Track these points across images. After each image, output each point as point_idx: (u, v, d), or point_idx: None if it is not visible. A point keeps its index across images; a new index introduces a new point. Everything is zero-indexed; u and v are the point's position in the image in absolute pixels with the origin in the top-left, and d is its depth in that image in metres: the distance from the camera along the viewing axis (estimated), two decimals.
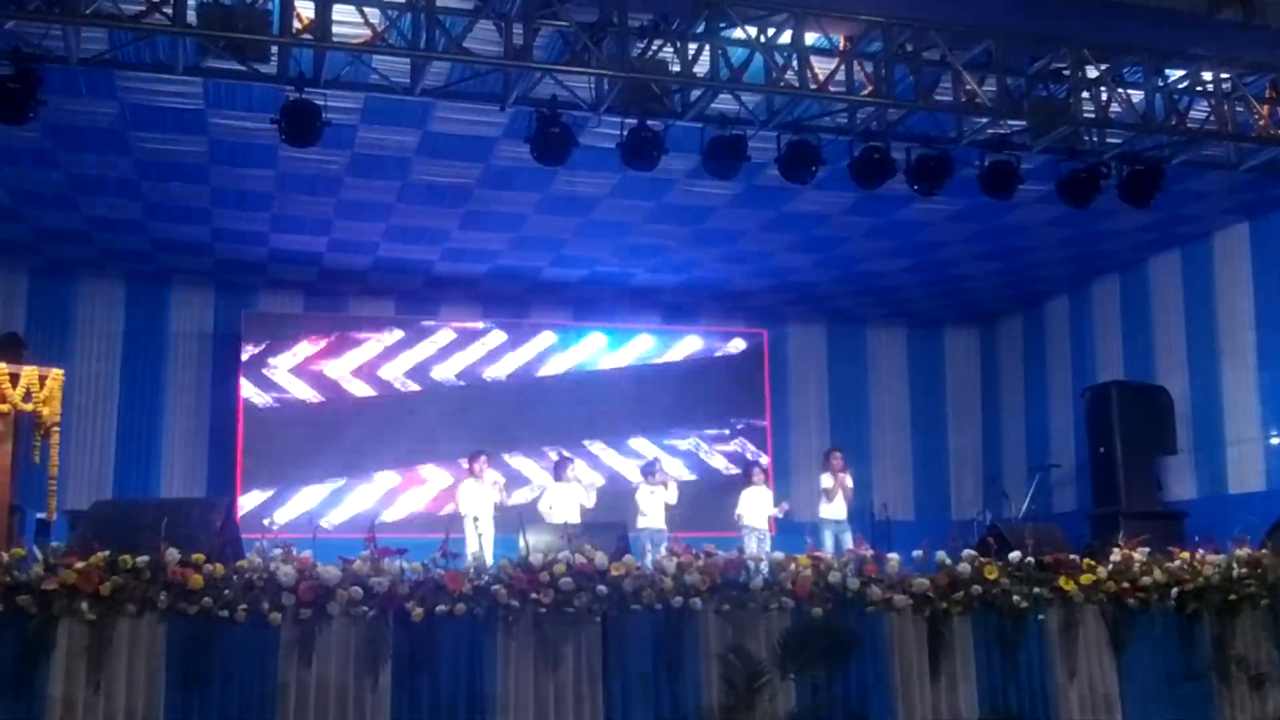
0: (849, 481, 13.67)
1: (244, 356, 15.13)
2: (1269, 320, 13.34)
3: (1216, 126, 10.59)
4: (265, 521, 13.48)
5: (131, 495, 13.92)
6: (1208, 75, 10.53)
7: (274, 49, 8.96)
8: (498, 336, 16.26)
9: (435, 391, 15.83)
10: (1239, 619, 8.92)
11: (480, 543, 11.85)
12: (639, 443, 16.30)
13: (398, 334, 15.85)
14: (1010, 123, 10.44)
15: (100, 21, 8.51)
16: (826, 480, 13.62)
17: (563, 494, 12.98)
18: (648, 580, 7.64)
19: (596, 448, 16.16)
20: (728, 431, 16.70)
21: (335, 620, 7.12)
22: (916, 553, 8.44)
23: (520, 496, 14.64)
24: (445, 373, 15.94)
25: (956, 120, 10.50)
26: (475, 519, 12.46)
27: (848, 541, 12.54)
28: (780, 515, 13.49)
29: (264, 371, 15.21)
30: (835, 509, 13.53)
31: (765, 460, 15.93)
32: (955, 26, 9.64)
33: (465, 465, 13.26)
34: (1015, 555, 8.48)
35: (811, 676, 7.82)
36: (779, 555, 8.15)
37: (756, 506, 13.42)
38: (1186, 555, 9.00)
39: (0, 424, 9.15)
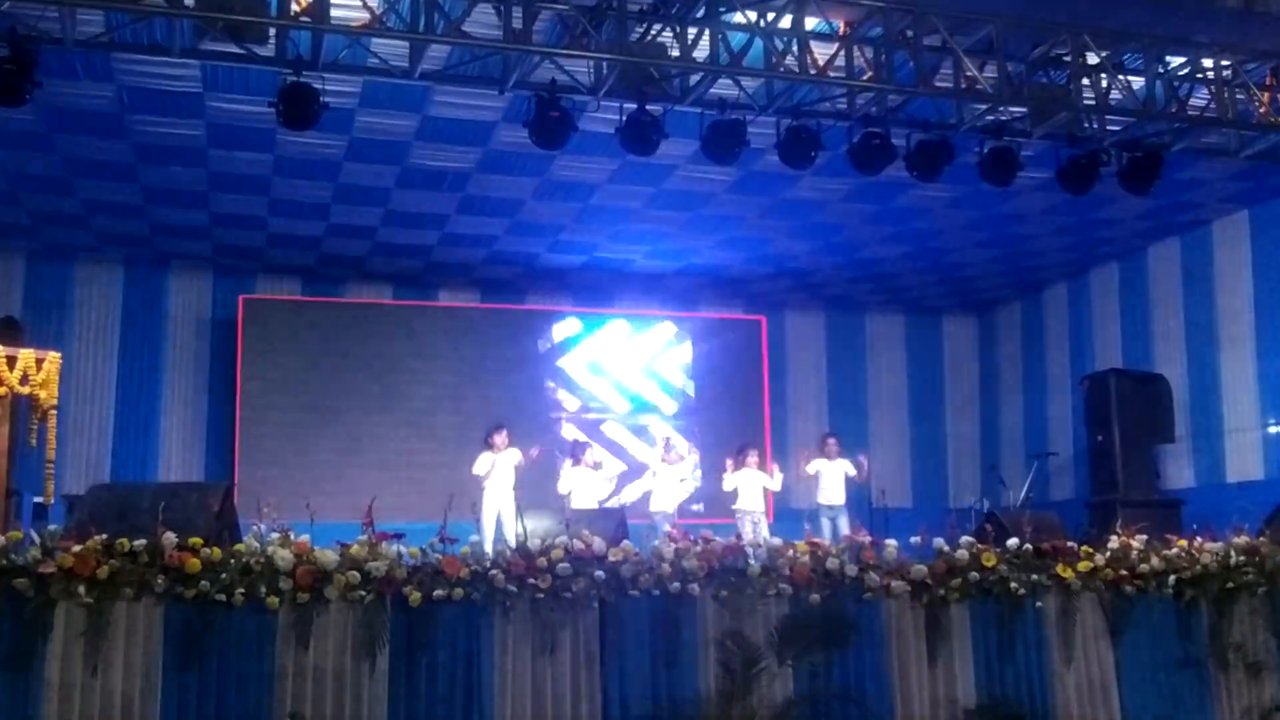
0: (851, 469, 13.50)
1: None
2: (1268, 308, 13.34)
3: (1217, 113, 10.56)
4: (264, 509, 13.43)
5: (129, 479, 13.91)
6: (1208, 62, 10.50)
7: (272, 31, 8.93)
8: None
9: (435, 375, 15.85)
10: (1236, 607, 8.94)
11: (495, 519, 11.76)
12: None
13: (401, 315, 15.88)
14: (1010, 109, 10.42)
15: (97, 2, 8.48)
16: (814, 467, 13.45)
17: (580, 479, 12.90)
18: (645, 566, 7.65)
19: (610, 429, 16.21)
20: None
21: (333, 605, 7.11)
22: (914, 539, 8.44)
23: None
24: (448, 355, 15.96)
25: (956, 106, 10.47)
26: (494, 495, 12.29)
27: (844, 527, 12.52)
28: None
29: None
30: (831, 495, 13.45)
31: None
32: (956, 12, 9.60)
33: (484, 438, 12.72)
34: (1013, 542, 8.48)
35: (809, 662, 7.83)
36: (776, 541, 8.16)
37: (750, 490, 13.34)
38: (1184, 543, 9.01)
39: None
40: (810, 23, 9.64)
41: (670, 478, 13.27)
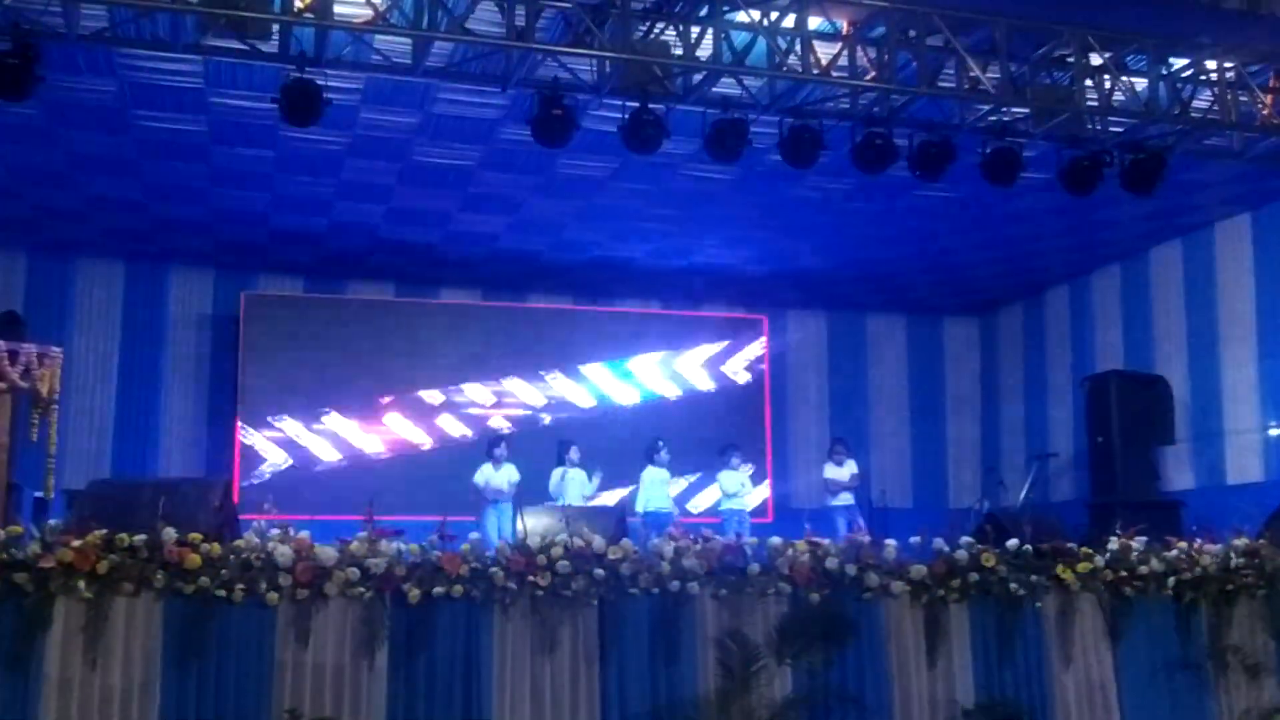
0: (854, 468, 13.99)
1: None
2: (1269, 311, 13.32)
3: (1220, 115, 10.56)
4: (265, 506, 13.40)
5: (129, 474, 13.90)
6: (1211, 64, 10.49)
7: (275, 27, 8.93)
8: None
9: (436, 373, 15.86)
10: (1236, 609, 8.95)
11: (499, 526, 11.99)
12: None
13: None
14: (1013, 110, 10.41)
15: None
16: (828, 472, 13.96)
17: (566, 478, 12.93)
18: (645, 564, 7.65)
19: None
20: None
21: (332, 601, 7.12)
22: (914, 539, 8.44)
23: None
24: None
25: (959, 107, 10.46)
26: (495, 504, 12.47)
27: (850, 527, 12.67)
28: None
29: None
30: (842, 496, 13.86)
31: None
32: (959, 12, 9.61)
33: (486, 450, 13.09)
34: (1013, 543, 8.48)
35: (808, 662, 7.83)
36: (777, 540, 8.15)
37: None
38: (1184, 545, 9.01)
39: None
40: (813, 22, 9.64)
41: (660, 479, 13.30)
